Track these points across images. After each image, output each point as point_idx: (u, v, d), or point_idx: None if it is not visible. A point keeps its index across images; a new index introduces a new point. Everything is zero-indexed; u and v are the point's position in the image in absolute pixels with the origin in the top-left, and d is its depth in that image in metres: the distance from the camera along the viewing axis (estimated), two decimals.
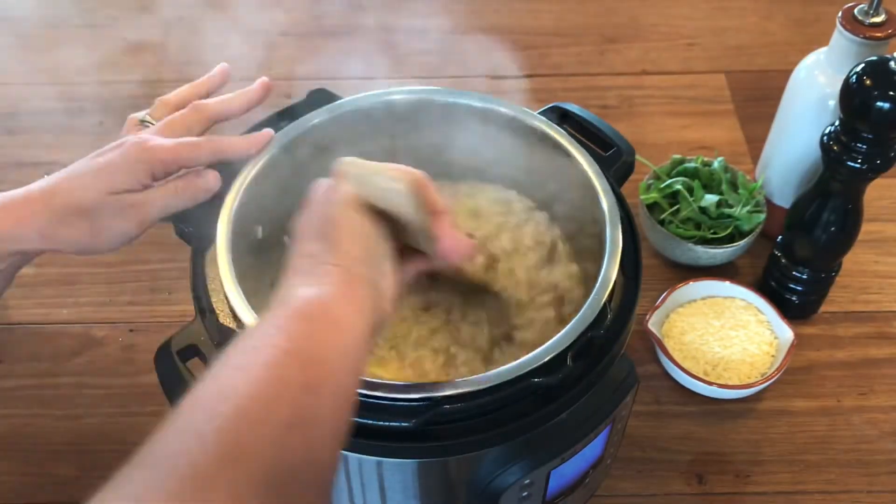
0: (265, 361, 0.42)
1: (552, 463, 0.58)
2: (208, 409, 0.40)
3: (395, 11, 1.23)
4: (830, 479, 0.77)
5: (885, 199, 0.98)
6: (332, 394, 0.43)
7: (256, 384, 0.41)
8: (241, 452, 0.38)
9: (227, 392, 0.40)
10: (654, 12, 1.22)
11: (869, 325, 0.88)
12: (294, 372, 0.42)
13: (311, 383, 0.42)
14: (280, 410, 0.40)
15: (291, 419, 0.40)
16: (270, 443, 0.39)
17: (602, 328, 0.59)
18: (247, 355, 0.43)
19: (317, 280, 0.47)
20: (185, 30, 1.20)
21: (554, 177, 0.71)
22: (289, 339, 0.43)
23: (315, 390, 0.42)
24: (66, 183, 0.61)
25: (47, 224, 0.60)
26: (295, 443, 0.40)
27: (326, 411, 0.43)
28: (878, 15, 0.75)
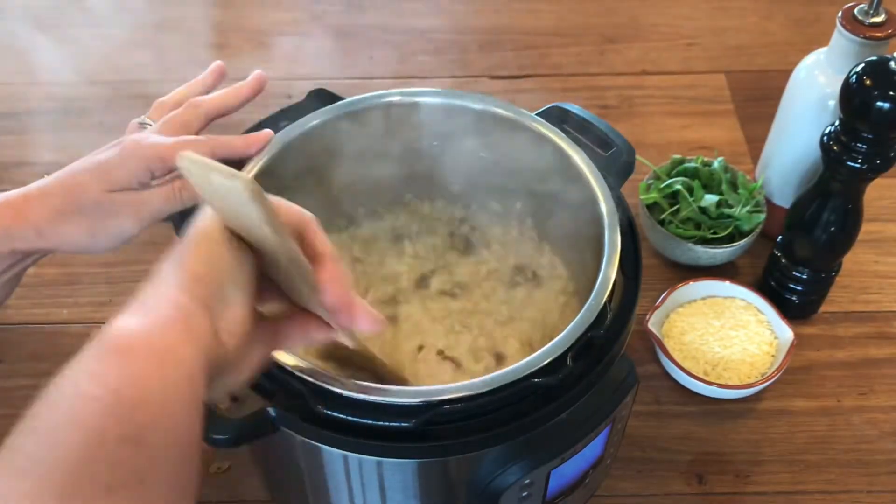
0: (77, 418, 0.36)
1: (552, 463, 0.58)
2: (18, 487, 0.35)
3: (395, 11, 1.23)
4: (830, 479, 0.77)
5: (885, 199, 0.98)
6: (163, 439, 0.38)
7: (67, 447, 0.36)
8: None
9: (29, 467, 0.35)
10: (654, 12, 1.22)
11: (869, 325, 0.88)
12: (111, 424, 0.36)
13: (131, 433, 0.37)
14: (97, 474, 0.35)
15: (111, 481, 0.35)
16: None
17: (602, 328, 0.59)
18: (53, 413, 0.37)
19: (145, 307, 0.41)
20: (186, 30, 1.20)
21: (554, 177, 0.71)
22: (100, 383, 0.37)
23: (136, 440, 0.37)
24: (64, 181, 0.61)
25: (44, 221, 0.60)
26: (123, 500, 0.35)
27: (155, 460, 0.37)
28: (878, 15, 0.75)
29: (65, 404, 0.37)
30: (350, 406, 0.55)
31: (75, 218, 0.61)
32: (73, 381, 0.38)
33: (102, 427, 0.36)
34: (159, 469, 0.37)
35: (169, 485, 0.38)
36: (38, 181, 0.63)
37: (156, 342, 0.40)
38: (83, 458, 0.35)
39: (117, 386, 0.38)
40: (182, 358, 0.40)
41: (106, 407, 0.37)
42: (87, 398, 0.37)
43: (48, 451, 0.36)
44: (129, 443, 0.36)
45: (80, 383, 0.38)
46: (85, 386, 0.38)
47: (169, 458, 0.38)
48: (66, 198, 0.61)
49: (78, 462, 0.35)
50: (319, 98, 0.74)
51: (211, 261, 0.43)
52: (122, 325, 0.40)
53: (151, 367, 0.39)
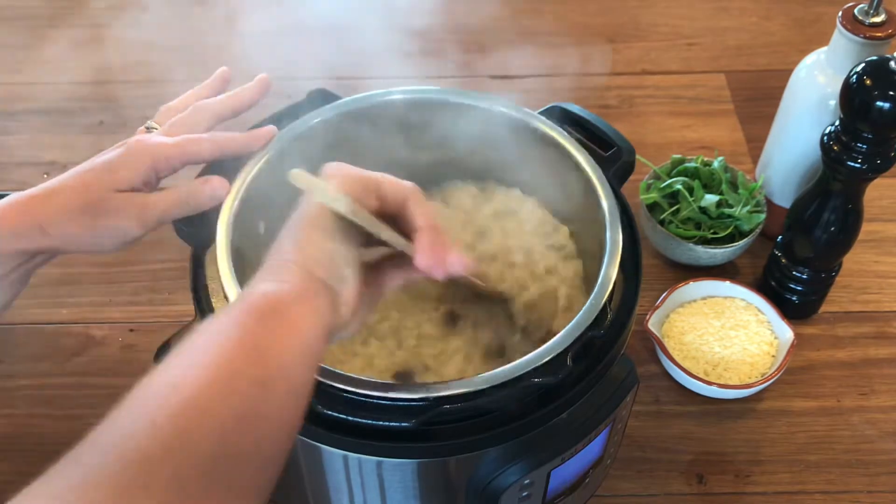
0: (218, 354, 0.42)
1: (552, 463, 0.58)
2: (160, 397, 0.40)
3: (395, 11, 1.23)
4: (830, 479, 0.77)
5: (885, 199, 0.98)
6: (284, 390, 0.44)
7: (207, 376, 0.41)
8: (188, 440, 0.39)
9: (178, 382, 0.41)
10: (654, 12, 1.22)
11: (869, 325, 0.88)
12: (246, 366, 0.42)
13: (262, 378, 0.42)
14: (229, 402, 0.41)
15: (240, 411, 0.41)
16: (218, 433, 0.40)
17: (602, 328, 0.59)
18: (200, 348, 0.43)
19: (278, 278, 0.48)
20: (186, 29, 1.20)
21: (554, 177, 0.71)
22: (243, 333, 0.44)
23: (266, 385, 0.42)
24: (69, 180, 0.62)
25: (49, 220, 0.60)
26: (242, 435, 0.41)
27: (276, 407, 0.43)
28: (879, 15, 0.75)
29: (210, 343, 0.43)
30: (350, 406, 0.55)
31: (79, 217, 0.61)
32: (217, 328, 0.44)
33: (240, 367, 0.42)
34: (278, 414, 0.43)
35: (281, 427, 0.43)
36: (45, 182, 0.63)
37: (289, 311, 0.46)
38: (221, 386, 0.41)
39: (256, 340, 0.44)
40: (308, 327, 0.46)
41: (246, 353, 0.43)
42: (230, 341, 0.43)
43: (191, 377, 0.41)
44: (260, 385, 0.42)
45: (227, 329, 0.44)
46: (231, 332, 0.44)
47: (286, 405, 0.44)
48: (70, 197, 0.61)
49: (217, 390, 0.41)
50: (319, 98, 0.74)
51: (325, 245, 0.50)
52: (263, 289, 0.47)
53: (284, 331, 0.45)
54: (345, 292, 0.50)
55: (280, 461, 0.44)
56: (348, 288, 0.50)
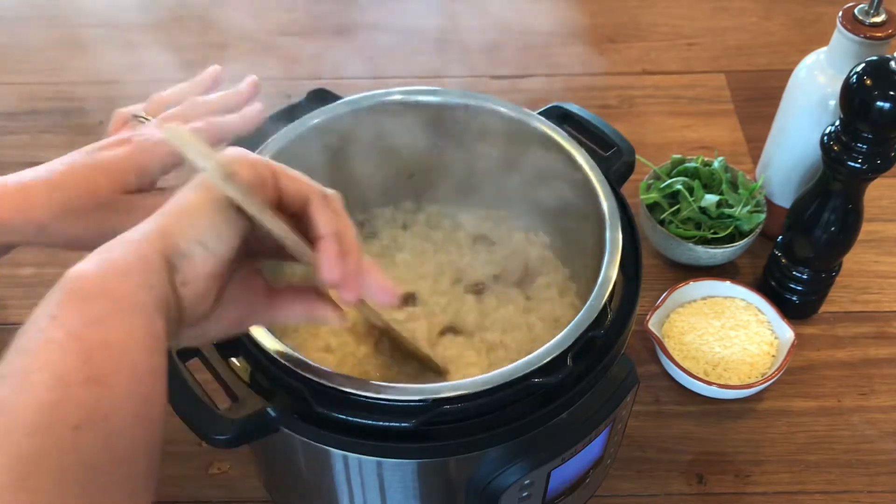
0: (42, 361, 0.38)
1: (552, 463, 0.58)
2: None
3: (395, 11, 1.23)
4: (830, 479, 0.77)
5: (885, 199, 0.98)
6: (126, 378, 0.39)
7: (34, 390, 0.37)
8: (32, 468, 0.36)
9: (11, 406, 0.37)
10: (654, 12, 1.22)
11: (869, 325, 0.88)
12: (75, 366, 0.38)
13: (97, 374, 0.38)
14: (64, 414, 0.37)
15: (79, 420, 0.37)
16: (59, 450, 0.36)
17: (602, 328, 0.59)
18: (23, 357, 0.38)
19: (108, 253, 0.42)
20: (186, 30, 1.20)
21: (554, 177, 0.71)
22: (64, 327, 0.39)
23: (102, 381, 0.38)
24: (74, 177, 0.58)
25: (51, 218, 0.57)
26: (87, 443, 0.37)
27: (120, 400, 0.39)
28: (879, 15, 0.75)
29: (31, 349, 0.39)
30: (350, 406, 0.55)
31: (85, 219, 0.58)
32: (36, 328, 0.39)
33: (68, 370, 0.38)
34: (124, 408, 0.39)
35: (133, 420, 0.39)
36: (31, 170, 0.59)
37: (114, 287, 0.41)
38: (50, 399, 0.37)
39: (79, 330, 0.39)
40: (139, 303, 0.41)
41: (69, 350, 0.38)
42: (50, 342, 0.38)
43: (17, 396, 0.37)
44: (94, 383, 0.38)
45: (44, 329, 0.39)
46: (49, 331, 0.39)
47: (133, 397, 0.39)
48: (77, 196, 0.58)
49: (45, 403, 0.37)
50: (319, 98, 0.74)
51: (183, 218, 0.44)
52: (80, 270, 0.41)
53: (110, 311, 0.40)
54: (187, 269, 0.44)
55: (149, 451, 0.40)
56: (194, 266, 0.44)
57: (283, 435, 0.56)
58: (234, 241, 0.45)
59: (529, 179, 0.75)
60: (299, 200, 0.47)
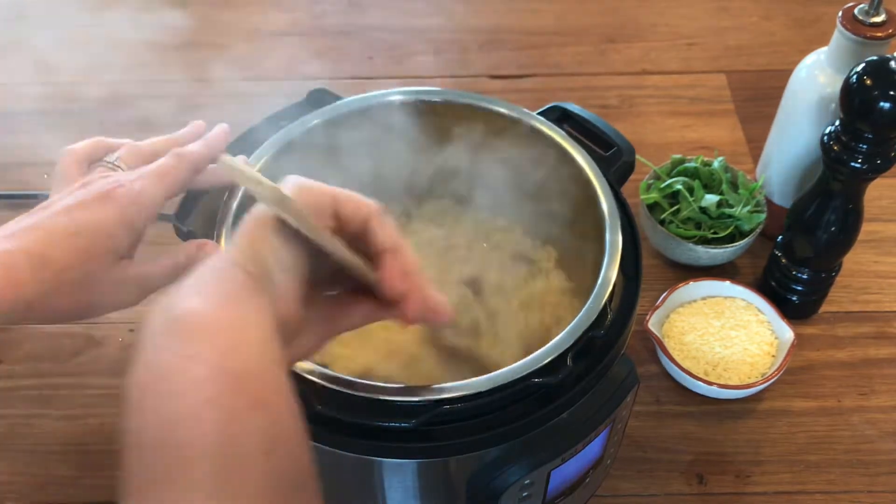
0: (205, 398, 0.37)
1: (552, 463, 0.58)
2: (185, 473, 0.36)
3: (395, 11, 1.23)
4: (831, 479, 0.77)
5: (886, 199, 0.98)
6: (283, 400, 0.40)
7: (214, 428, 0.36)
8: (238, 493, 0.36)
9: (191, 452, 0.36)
10: (654, 12, 1.22)
11: (869, 325, 0.88)
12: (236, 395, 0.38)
13: (258, 398, 0.38)
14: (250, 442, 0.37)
15: (267, 444, 0.37)
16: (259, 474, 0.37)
17: (602, 328, 0.59)
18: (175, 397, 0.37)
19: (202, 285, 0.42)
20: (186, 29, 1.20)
21: (553, 177, 0.71)
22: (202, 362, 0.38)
23: (264, 403, 0.38)
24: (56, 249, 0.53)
25: (40, 297, 0.52)
26: (280, 463, 0.38)
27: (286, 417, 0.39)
28: (879, 15, 0.75)
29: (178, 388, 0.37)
30: (350, 406, 0.55)
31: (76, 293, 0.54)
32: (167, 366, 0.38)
33: (229, 402, 0.37)
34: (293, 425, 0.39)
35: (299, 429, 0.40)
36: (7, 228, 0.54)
37: (228, 314, 0.40)
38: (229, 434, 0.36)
39: (219, 361, 0.38)
40: (257, 321, 0.41)
41: (221, 382, 0.37)
42: (197, 380, 0.37)
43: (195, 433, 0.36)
44: (259, 405, 0.37)
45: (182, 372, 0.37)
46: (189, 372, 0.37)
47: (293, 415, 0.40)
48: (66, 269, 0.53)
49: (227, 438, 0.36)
50: (319, 98, 0.74)
51: (255, 248, 0.44)
52: (186, 306, 0.40)
53: (236, 337, 0.39)
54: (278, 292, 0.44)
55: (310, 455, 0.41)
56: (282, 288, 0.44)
57: None
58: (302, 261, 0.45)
59: (529, 179, 0.75)
60: (360, 219, 0.47)
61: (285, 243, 0.44)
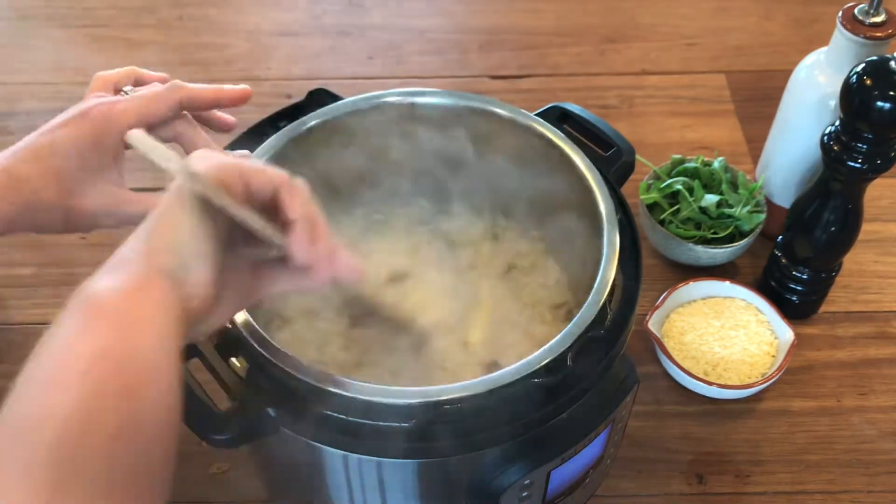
0: (79, 371, 0.39)
1: (552, 463, 0.58)
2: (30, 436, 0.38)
3: (395, 11, 1.23)
4: (830, 479, 0.77)
5: (886, 199, 0.98)
6: (156, 389, 0.41)
7: (74, 399, 0.38)
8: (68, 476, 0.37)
9: (46, 413, 0.38)
10: (654, 12, 1.22)
11: (869, 325, 0.88)
12: (110, 377, 0.40)
13: (129, 386, 0.40)
14: (102, 422, 0.38)
15: (115, 429, 0.38)
16: (100, 456, 0.38)
17: (602, 328, 0.59)
18: (58, 367, 0.40)
19: (117, 273, 0.44)
20: (186, 29, 1.20)
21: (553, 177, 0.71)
22: (95, 341, 0.40)
23: (135, 393, 0.40)
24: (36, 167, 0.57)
25: (19, 212, 0.57)
26: (124, 451, 0.39)
27: (151, 411, 0.41)
28: (879, 15, 0.75)
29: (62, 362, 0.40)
30: (350, 406, 0.55)
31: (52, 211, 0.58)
32: (61, 344, 0.41)
33: (104, 380, 0.39)
34: (155, 418, 0.40)
35: (161, 431, 0.41)
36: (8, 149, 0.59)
37: (133, 306, 0.42)
38: (91, 407, 0.38)
39: (108, 344, 0.40)
40: (156, 321, 0.43)
41: (106, 363, 0.40)
42: (86, 355, 0.40)
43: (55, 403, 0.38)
44: (127, 394, 0.39)
45: (73, 344, 0.40)
46: (78, 346, 0.40)
47: (161, 407, 0.41)
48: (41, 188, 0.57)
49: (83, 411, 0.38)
50: (319, 98, 0.74)
51: (172, 234, 0.46)
52: (98, 290, 0.43)
53: (133, 328, 0.42)
54: (191, 281, 0.46)
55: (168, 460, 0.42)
56: (195, 277, 0.46)
57: (283, 435, 0.56)
58: (217, 240, 0.47)
59: (528, 179, 0.75)
60: (268, 190, 0.48)
61: (201, 223, 0.46)
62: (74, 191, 0.58)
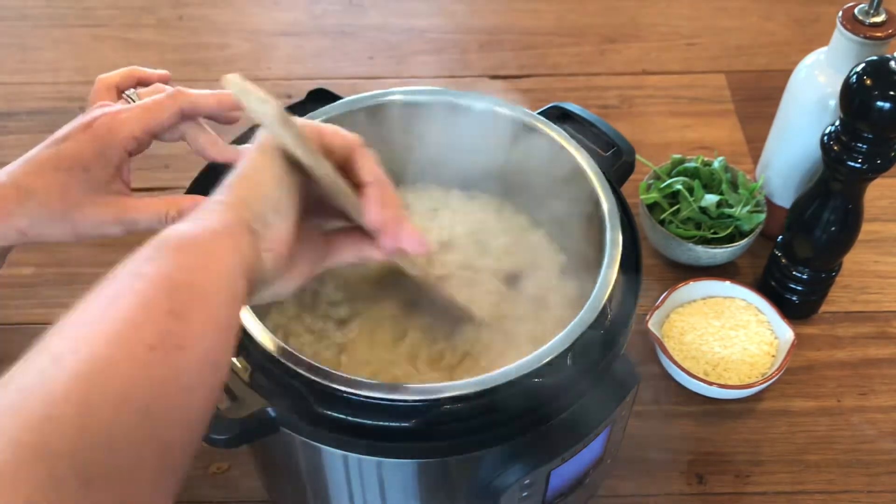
0: (131, 289, 0.41)
1: (552, 463, 0.58)
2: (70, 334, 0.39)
3: (395, 11, 1.23)
4: (830, 479, 0.77)
5: (885, 199, 0.98)
6: (203, 321, 0.42)
7: (119, 310, 0.40)
8: (97, 369, 0.37)
9: (89, 318, 0.40)
10: (654, 12, 1.22)
11: (869, 325, 0.88)
12: (160, 298, 0.41)
13: (178, 309, 0.41)
14: (142, 333, 0.39)
15: (154, 341, 0.39)
16: (129, 362, 0.38)
17: (602, 328, 0.59)
18: (114, 285, 0.41)
19: (198, 219, 0.46)
20: (186, 30, 1.20)
21: (553, 177, 0.71)
22: (156, 268, 0.42)
23: (182, 316, 0.41)
24: (42, 180, 0.58)
25: (29, 226, 0.58)
26: (157, 364, 0.39)
27: (195, 337, 0.41)
28: (879, 15, 0.75)
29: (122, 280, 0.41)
30: (350, 406, 0.55)
31: (60, 224, 0.59)
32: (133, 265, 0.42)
33: (154, 300, 0.40)
34: (197, 344, 0.41)
35: (203, 359, 0.41)
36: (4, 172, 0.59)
37: (205, 245, 0.44)
38: (133, 318, 0.40)
39: (169, 270, 0.42)
40: (226, 263, 0.44)
41: (160, 286, 0.41)
42: (144, 277, 0.41)
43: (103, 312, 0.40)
44: (175, 317, 0.40)
45: (141, 266, 0.42)
46: (145, 268, 0.42)
47: (206, 335, 0.42)
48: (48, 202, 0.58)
49: (126, 320, 0.39)
50: (319, 98, 0.74)
51: (255, 186, 0.47)
52: (177, 228, 0.44)
53: (199, 262, 0.43)
54: (269, 236, 0.47)
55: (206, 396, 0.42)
56: (273, 233, 0.47)
57: (283, 435, 0.56)
58: (296, 199, 0.49)
59: (529, 179, 0.75)
60: (343, 152, 0.51)
61: (284, 177, 0.48)
62: (80, 202, 0.59)
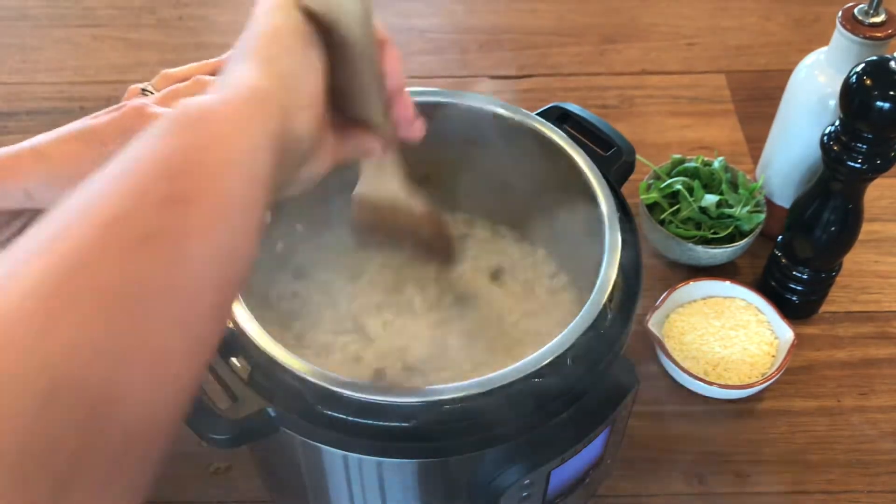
0: (125, 174, 0.37)
1: (552, 463, 0.58)
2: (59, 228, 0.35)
3: (395, 11, 1.23)
4: (831, 479, 0.77)
5: (886, 199, 0.98)
6: (210, 206, 0.37)
7: (110, 198, 0.36)
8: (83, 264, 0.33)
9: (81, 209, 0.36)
10: (654, 12, 1.22)
11: (869, 325, 0.88)
12: (157, 184, 0.36)
13: (178, 196, 0.36)
14: (133, 224, 0.35)
15: (145, 233, 0.35)
16: (117, 257, 0.34)
17: (602, 328, 0.59)
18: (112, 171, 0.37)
19: (220, 86, 0.42)
20: (186, 30, 1.20)
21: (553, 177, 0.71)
22: (157, 150, 0.38)
23: (182, 202, 0.36)
24: (60, 146, 0.59)
25: (36, 186, 0.58)
26: (148, 258, 0.35)
27: (198, 226, 0.36)
28: (878, 15, 0.75)
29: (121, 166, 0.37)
30: (350, 406, 0.55)
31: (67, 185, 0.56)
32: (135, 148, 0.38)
33: (149, 186, 0.36)
34: (199, 232, 0.36)
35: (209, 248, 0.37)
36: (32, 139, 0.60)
37: (226, 114, 0.40)
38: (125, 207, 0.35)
39: (171, 154, 0.37)
40: (249, 132, 0.40)
41: (158, 170, 0.36)
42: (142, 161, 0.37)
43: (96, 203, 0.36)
44: (173, 203, 0.36)
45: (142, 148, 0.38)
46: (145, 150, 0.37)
47: (218, 223, 0.37)
48: (59, 166, 0.59)
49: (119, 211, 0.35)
50: None
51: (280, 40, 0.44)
52: (194, 99, 0.40)
53: (214, 136, 0.39)
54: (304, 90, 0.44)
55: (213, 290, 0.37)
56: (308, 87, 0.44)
57: (283, 435, 0.56)
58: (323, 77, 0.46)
59: (528, 180, 0.75)
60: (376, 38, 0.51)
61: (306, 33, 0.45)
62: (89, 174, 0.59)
